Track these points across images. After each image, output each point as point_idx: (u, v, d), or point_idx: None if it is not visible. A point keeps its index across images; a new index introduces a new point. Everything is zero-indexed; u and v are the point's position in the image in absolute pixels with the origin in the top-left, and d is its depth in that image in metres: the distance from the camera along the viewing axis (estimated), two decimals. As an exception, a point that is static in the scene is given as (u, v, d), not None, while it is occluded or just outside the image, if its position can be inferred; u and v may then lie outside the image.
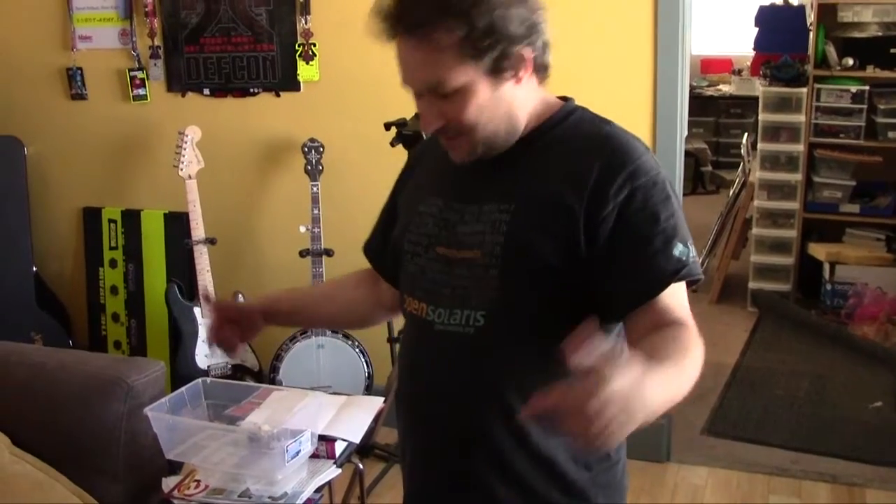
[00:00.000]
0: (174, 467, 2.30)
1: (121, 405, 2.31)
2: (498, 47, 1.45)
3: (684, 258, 1.49)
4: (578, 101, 1.66)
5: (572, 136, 1.58)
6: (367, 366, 3.70)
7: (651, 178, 1.50)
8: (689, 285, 1.55)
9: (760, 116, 5.50)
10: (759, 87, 5.87)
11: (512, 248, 1.53)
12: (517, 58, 1.49)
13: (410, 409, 1.74)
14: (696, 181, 8.08)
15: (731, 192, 6.12)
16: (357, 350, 3.68)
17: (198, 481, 2.20)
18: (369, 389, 3.67)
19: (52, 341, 4.17)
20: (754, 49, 6.56)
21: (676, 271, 1.48)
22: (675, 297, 1.50)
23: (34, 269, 4.30)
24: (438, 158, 1.71)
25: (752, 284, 5.53)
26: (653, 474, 3.62)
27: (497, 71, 1.48)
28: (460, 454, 1.62)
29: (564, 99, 1.64)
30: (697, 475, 3.68)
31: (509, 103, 1.54)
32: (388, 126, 3.23)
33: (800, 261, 5.45)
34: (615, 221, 1.49)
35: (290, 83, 3.89)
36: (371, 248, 1.89)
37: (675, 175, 3.47)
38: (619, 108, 1.68)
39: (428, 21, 1.44)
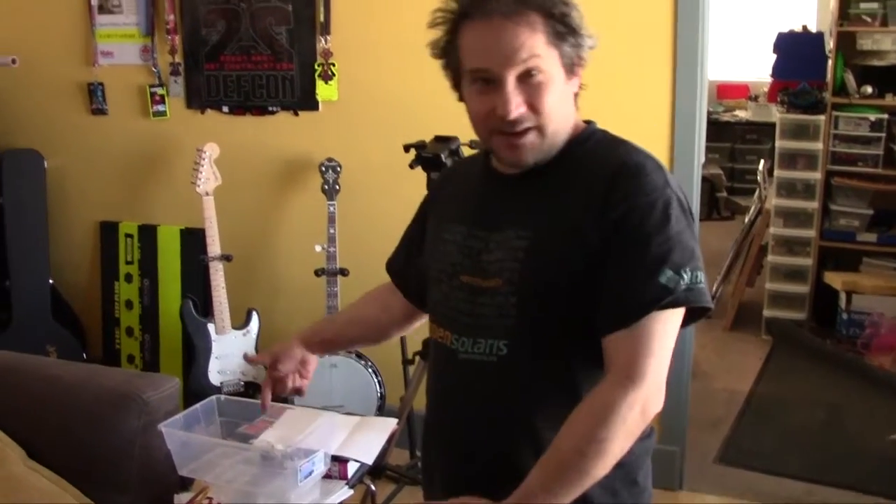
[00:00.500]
0: (186, 483, 2.29)
1: (135, 420, 2.31)
2: (574, 38, 1.53)
3: (671, 286, 1.46)
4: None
5: (589, 158, 1.59)
6: (380, 386, 3.69)
7: (652, 198, 1.50)
8: (699, 314, 1.54)
9: (777, 143, 5.50)
10: (776, 114, 5.87)
11: (529, 276, 1.54)
12: (582, 58, 1.56)
13: (438, 436, 1.75)
14: (711, 207, 8.07)
15: (746, 219, 6.10)
16: (370, 370, 3.68)
17: (210, 499, 2.19)
18: (381, 410, 3.66)
19: (67, 354, 4.19)
20: (772, 75, 6.56)
21: (658, 299, 1.46)
22: (654, 328, 1.47)
23: (51, 281, 4.32)
24: (461, 186, 1.74)
25: (766, 312, 5.50)
26: (665, 501, 3.59)
27: (570, 66, 1.55)
28: (488, 481, 1.62)
29: (587, 122, 1.66)
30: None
31: (570, 105, 1.59)
32: (407, 148, 3.23)
33: (815, 289, 5.42)
34: (609, 240, 1.50)
35: (308, 102, 3.91)
36: (393, 267, 1.94)
37: (692, 201, 3.46)
38: (636, 133, 1.69)
39: (524, 2, 1.50)
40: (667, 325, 1.49)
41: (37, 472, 2.21)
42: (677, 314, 1.50)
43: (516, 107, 1.51)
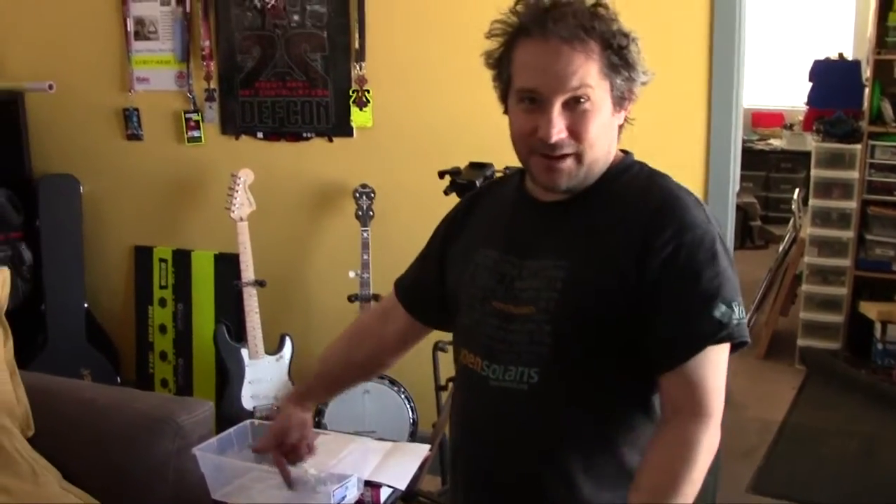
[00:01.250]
0: (220, 508, 2.29)
1: (170, 444, 2.32)
2: (629, 72, 1.54)
3: (725, 320, 1.47)
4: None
5: (628, 191, 1.59)
6: (413, 412, 3.68)
7: (698, 235, 1.50)
8: (736, 347, 1.53)
9: (812, 172, 5.45)
10: (811, 143, 5.83)
11: (566, 306, 1.54)
12: (633, 93, 1.57)
13: (465, 462, 1.74)
14: (745, 236, 8.03)
15: (780, 248, 6.06)
16: (403, 396, 3.67)
17: (243, 523, 2.19)
18: (413, 436, 3.65)
19: (101, 377, 4.21)
20: (807, 104, 6.53)
21: (713, 334, 1.48)
22: (711, 362, 1.49)
23: (85, 305, 4.35)
24: (491, 209, 1.73)
25: (800, 342, 5.45)
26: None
27: (620, 99, 1.55)
28: None
29: (624, 152, 1.66)
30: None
31: (612, 137, 1.59)
32: (442, 174, 3.24)
33: (850, 319, 5.36)
34: (658, 277, 1.49)
35: (343, 129, 3.92)
36: (402, 287, 1.94)
37: (726, 230, 3.44)
38: (671, 161, 1.69)
39: (585, 30, 1.50)
40: (721, 359, 1.51)
41: (72, 494, 2.21)
42: (728, 348, 1.51)
43: (558, 132, 1.51)
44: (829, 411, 4.86)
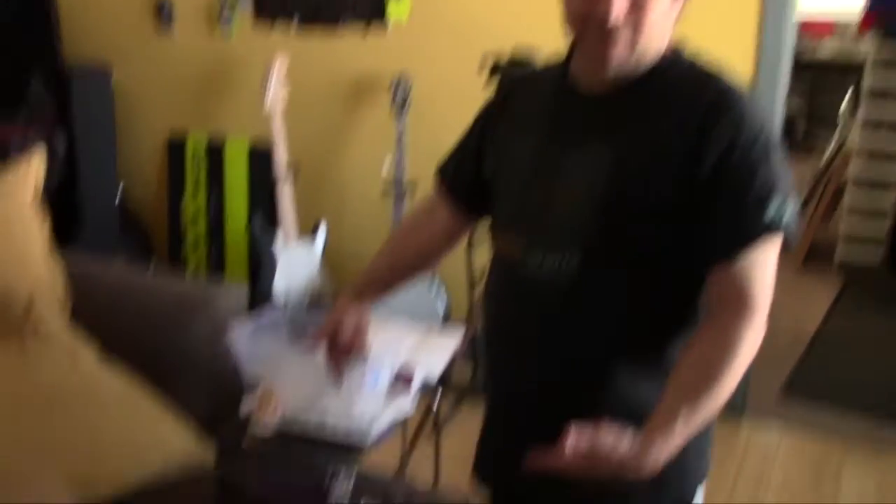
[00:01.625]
0: (253, 390, 2.30)
1: (204, 327, 2.31)
2: None
3: (780, 215, 1.44)
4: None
5: (681, 82, 1.53)
6: (445, 301, 3.68)
7: (754, 131, 1.46)
8: (784, 245, 1.50)
9: (867, 78, 5.29)
10: (867, 46, 5.63)
11: (613, 193, 1.50)
12: None
13: (495, 349, 1.72)
14: (789, 142, 7.91)
15: (825, 156, 5.96)
16: (435, 285, 3.66)
17: (276, 405, 2.20)
18: (445, 325, 3.65)
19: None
20: (864, 9, 6.32)
21: (767, 228, 1.45)
22: (761, 257, 1.46)
23: (119, 194, 4.35)
24: (532, 99, 1.68)
25: (839, 252, 5.39)
26: (725, 431, 3.53)
27: None
28: (542, 402, 1.60)
29: (675, 47, 1.59)
30: (771, 436, 3.64)
31: (667, 26, 1.51)
32: (483, 61, 3.18)
33: (892, 231, 5.28)
34: (713, 171, 1.45)
35: (379, 17, 3.84)
36: (445, 172, 1.88)
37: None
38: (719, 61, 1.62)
39: None
40: (772, 255, 1.48)
41: (110, 370, 2.22)
42: (778, 244, 1.48)
43: (617, 13, 1.43)
44: (863, 323, 4.83)
